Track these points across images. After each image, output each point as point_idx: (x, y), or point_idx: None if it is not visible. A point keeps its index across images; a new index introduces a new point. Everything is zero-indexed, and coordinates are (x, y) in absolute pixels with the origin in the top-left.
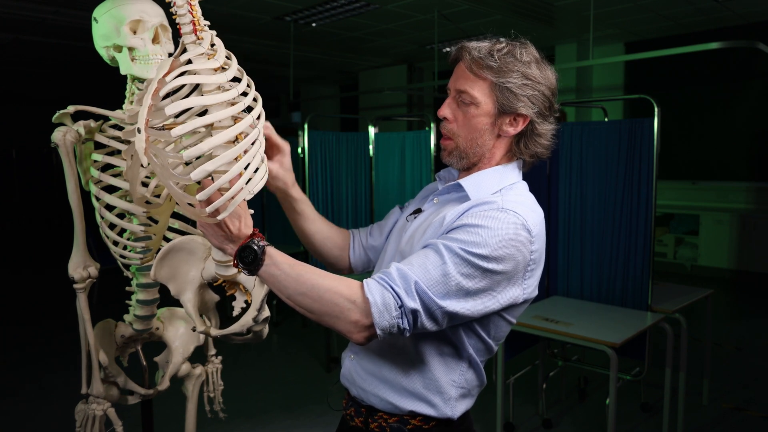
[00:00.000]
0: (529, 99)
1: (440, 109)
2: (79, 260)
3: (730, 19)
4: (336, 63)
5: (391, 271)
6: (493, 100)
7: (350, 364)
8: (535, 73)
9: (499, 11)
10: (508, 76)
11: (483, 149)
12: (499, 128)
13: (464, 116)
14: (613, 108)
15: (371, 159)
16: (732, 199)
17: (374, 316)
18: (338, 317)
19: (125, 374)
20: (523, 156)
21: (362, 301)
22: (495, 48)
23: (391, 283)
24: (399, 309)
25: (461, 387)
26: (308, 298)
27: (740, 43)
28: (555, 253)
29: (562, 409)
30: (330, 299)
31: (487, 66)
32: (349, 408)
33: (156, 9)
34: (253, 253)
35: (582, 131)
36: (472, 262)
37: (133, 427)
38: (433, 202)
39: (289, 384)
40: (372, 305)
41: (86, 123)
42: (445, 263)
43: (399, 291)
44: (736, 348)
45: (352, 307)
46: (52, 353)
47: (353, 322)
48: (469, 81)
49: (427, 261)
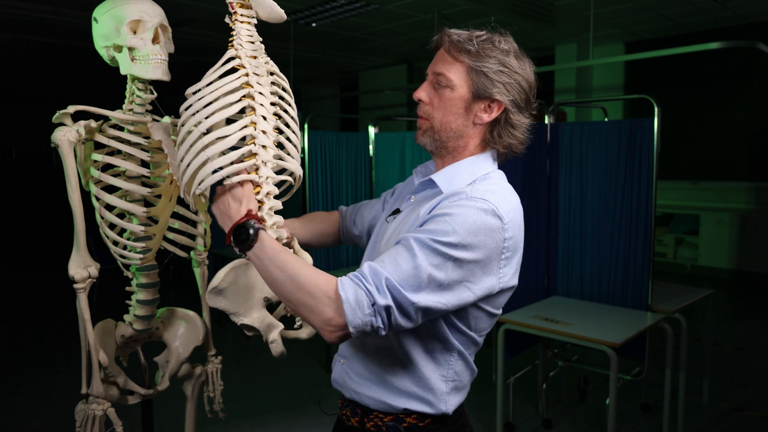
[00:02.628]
0: (504, 86)
1: (416, 91)
2: (79, 260)
3: (730, 19)
4: (336, 63)
5: (363, 268)
6: (468, 84)
7: (341, 368)
8: (513, 62)
9: (499, 11)
10: (485, 61)
11: (456, 134)
12: (474, 114)
13: (440, 99)
14: (613, 108)
15: (371, 159)
16: (732, 199)
17: (347, 313)
18: (312, 311)
19: (125, 374)
20: (496, 146)
21: (336, 297)
22: (474, 34)
23: (363, 280)
24: (371, 307)
25: (452, 380)
26: (287, 287)
27: (740, 43)
28: (555, 253)
29: (562, 409)
30: (307, 290)
31: (464, 50)
32: (344, 408)
33: (156, 9)
34: (245, 233)
35: (582, 131)
36: (441, 252)
37: (133, 427)
38: (410, 201)
39: (289, 384)
40: (344, 302)
41: (86, 123)
42: (415, 255)
43: (371, 288)
44: (736, 348)
45: (327, 302)
46: (52, 353)
47: (326, 320)
48: (446, 64)
49: (398, 256)
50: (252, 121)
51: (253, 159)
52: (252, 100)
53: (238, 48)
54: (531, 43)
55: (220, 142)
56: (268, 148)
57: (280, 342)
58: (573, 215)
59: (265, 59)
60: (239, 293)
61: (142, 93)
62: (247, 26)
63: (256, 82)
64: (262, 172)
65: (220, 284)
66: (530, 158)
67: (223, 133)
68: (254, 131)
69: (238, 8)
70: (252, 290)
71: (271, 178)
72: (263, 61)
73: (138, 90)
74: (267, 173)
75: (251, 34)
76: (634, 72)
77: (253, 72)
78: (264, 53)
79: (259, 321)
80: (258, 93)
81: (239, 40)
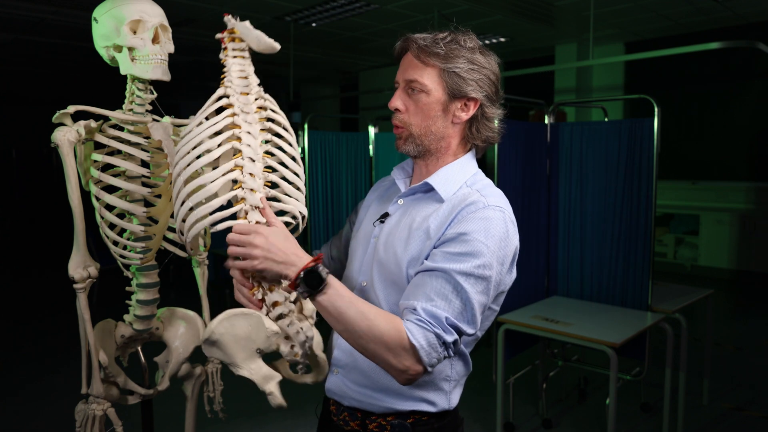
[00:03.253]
0: (477, 83)
1: (390, 101)
2: (79, 260)
3: (730, 19)
4: (336, 63)
5: (420, 312)
6: (443, 86)
7: (337, 378)
8: (480, 58)
9: (499, 11)
10: (455, 62)
11: (438, 136)
12: (452, 114)
13: (416, 105)
14: (613, 108)
15: (371, 159)
16: (732, 199)
17: (423, 358)
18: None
19: (125, 374)
20: (476, 141)
21: (408, 344)
22: (439, 37)
23: (429, 324)
24: (443, 345)
25: (454, 380)
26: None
27: (740, 43)
28: (555, 253)
29: (562, 409)
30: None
31: (434, 53)
32: (341, 414)
33: (156, 9)
34: (317, 278)
35: (582, 131)
36: (484, 277)
37: (133, 427)
38: (398, 204)
39: (289, 384)
40: (419, 350)
41: (86, 123)
42: (462, 289)
43: (437, 330)
44: (736, 348)
45: (403, 353)
46: (52, 353)
47: (404, 369)
48: (418, 70)
49: (446, 291)
50: (236, 164)
51: (241, 204)
52: (238, 142)
53: (228, 86)
54: (531, 43)
55: (203, 190)
56: (257, 192)
57: (278, 394)
58: (573, 215)
59: (258, 94)
60: (234, 343)
61: (142, 93)
62: (239, 61)
63: (245, 121)
64: (251, 217)
65: (212, 335)
66: (530, 158)
67: (205, 180)
68: (240, 174)
69: (228, 43)
70: (247, 340)
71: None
72: (254, 98)
73: (138, 90)
74: (256, 218)
75: (243, 69)
76: (634, 72)
77: (242, 110)
78: (258, 87)
79: (256, 372)
80: (246, 133)
81: (229, 76)
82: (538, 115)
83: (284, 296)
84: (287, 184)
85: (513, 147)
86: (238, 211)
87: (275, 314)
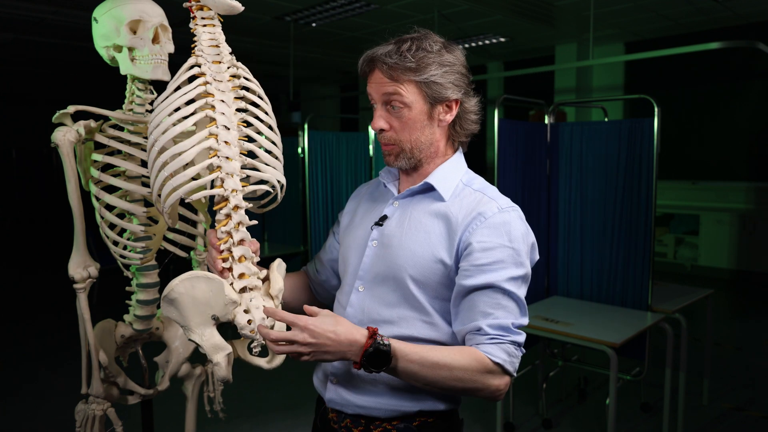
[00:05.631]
0: (453, 83)
1: (373, 122)
2: (79, 260)
3: (730, 19)
4: (336, 63)
5: (486, 330)
6: (422, 96)
7: (337, 388)
8: (449, 57)
9: (499, 11)
10: (429, 70)
11: (428, 143)
12: (437, 120)
13: (400, 121)
14: (613, 108)
15: (371, 159)
16: (732, 199)
17: (509, 369)
18: (480, 391)
19: (125, 374)
20: (460, 137)
21: (494, 366)
22: (403, 49)
23: (501, 337)
24: (518, 347)
25: None
26: (448, 383)
27: (740, 43)
28: (555, 253)
29: (562, 409)
30: (470, 380)
31: (405, 68)
32: (342, 421)
33: (156, 9)
34: (380, 354)
35: (582, 131)
36: (520, 275)
37: (133, 427)
38: (393, 206)
39: (289, 384)
40: (504, 364)
41: (86, 123)
42: (509, 291)
43: (510, 338)
44: (736, 348)
45: (491, 377)
46: (52, 353)
47: (495, 391)
48: (393, 86)
49: (498, 301)
50: (211, 132)
51: (217, 172)
52: (212, 110)
53: (198, 54)
54: (531, 43)
55: (178, 159)
56: (233, 159)
57: (223, 366)
58: (573, 215)
59: (231, 62)
60: (190, 306)
61: (142, 93)
62: (209, 29)
63: (217, 89)
64: (228, 185)
65: (171, 293)
66: (530, 158)
67: (180, 149)
68: (215, 143)
69: (197, 11)
70: (205, 305)
71: (239, 191)
72: (226, 66)
73: (138, 90)
74: (233, 185)
75: (213, 38)
76: (634, 72)
77: (214, 79)
78: (230, 56)
79: (208, 339)
80: (219, 101)
81: (200, 45)
82: (538, 115)
83: (253, 270)
84: (264, 153)
85: (513, 147)
86: (215, 179)
87: (239, 286)
